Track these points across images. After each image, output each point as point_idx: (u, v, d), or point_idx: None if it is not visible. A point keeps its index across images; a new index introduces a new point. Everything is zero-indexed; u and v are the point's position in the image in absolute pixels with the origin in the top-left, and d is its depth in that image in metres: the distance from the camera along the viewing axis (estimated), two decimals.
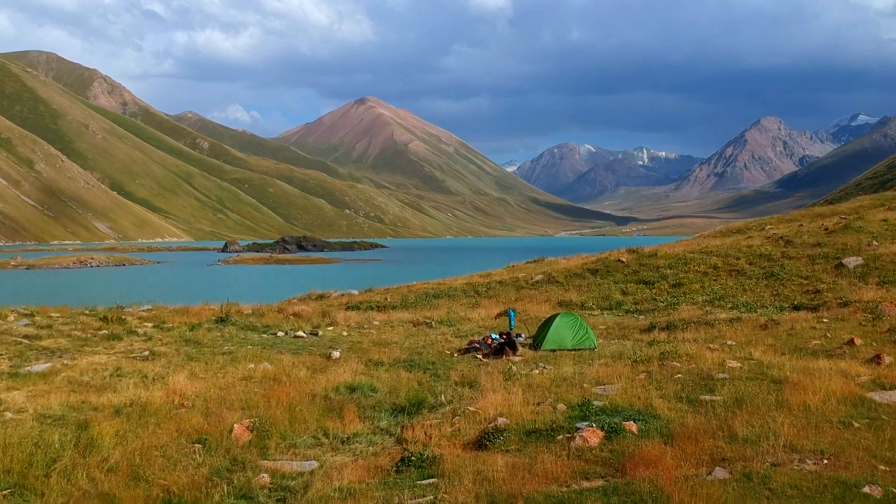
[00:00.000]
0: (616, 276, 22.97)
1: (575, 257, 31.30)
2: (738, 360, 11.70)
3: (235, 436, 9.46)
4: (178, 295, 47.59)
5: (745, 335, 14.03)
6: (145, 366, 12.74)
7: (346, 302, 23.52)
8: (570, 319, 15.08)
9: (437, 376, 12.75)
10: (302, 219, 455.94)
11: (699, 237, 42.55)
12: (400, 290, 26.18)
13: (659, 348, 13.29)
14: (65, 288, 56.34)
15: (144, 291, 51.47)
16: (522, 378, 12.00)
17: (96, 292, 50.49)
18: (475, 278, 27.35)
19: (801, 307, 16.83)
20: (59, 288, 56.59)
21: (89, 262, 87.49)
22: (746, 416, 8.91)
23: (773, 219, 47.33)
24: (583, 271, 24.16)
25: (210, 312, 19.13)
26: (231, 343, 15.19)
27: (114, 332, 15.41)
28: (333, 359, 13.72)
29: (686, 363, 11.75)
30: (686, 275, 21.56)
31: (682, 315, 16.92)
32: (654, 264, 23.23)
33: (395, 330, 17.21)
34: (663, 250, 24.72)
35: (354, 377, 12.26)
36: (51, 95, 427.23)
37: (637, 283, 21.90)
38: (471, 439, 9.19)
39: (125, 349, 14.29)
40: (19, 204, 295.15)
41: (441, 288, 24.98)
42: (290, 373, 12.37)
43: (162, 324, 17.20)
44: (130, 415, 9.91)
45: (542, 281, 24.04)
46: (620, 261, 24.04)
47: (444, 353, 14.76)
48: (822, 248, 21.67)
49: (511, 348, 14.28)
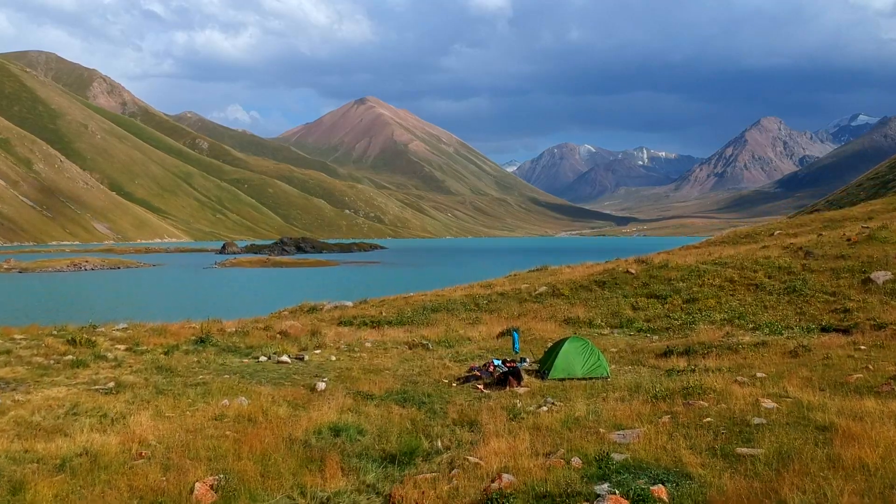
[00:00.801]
0: (625, 290, 21.60)
1: (580, 266, 29.94)
2: (773, 399, 10.33)
3: (197, 497, 8.12)
4: (169, 301, 46.27)
5: (775, 364, 12.66)
6: (108, 401, 11.38)
7: (338, 316, 22.16)
8: (579, 344, 13.73)
9: (434, 413, 11.40)
10: (301, 219, 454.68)
11: (707, 244, 41.17)
12: (396, 302, 24.83)
13: (680, 380, 11.93)
14: (55, 293, 54.97)
15: (135, 298, 50.18)
16: (529, 417, 10.65)
17: (85, 299, 49.19)
18: (475, 289, 25.99)
19: (830, 329, 15.47)
20: (48, 293, 55.21)
21: (83, 266, 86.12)
22: (795, 478, 7.53)
23: (781, 223, 46.05)
24: (589, 283, 22.79)
25: (190, 331, 17.77)
26: (207, 370, 13.83)
27: (80, 357, 14.06)
28: (318, 391, 12.37)
29: (714, 402, 10.38)
30: (700, 289, 20.18)
31: (701, 337, 15.55)
32: (666, 276, 21.86)
33: (389, 353, 15.84)
34: (674, 261, 23.33)
35: (340, 415, 10.91)
36: (50, 95, 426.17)
37: (648, 297, 20.53)
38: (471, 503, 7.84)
39: (89, 379, 12.93)
40: (17, 204, 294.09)
41: (440, 300, 23.63)
42: (267, 410, 11.00)
43: (136, 346, 15.84)
44: (78, 469, 8.55)
45: (547, 293, 22.68)
46: (629, 272, 22.67)
47: (441, 382, 13.40)
48: (846, 260, 20.31)
49: (515, 378, 12.92)
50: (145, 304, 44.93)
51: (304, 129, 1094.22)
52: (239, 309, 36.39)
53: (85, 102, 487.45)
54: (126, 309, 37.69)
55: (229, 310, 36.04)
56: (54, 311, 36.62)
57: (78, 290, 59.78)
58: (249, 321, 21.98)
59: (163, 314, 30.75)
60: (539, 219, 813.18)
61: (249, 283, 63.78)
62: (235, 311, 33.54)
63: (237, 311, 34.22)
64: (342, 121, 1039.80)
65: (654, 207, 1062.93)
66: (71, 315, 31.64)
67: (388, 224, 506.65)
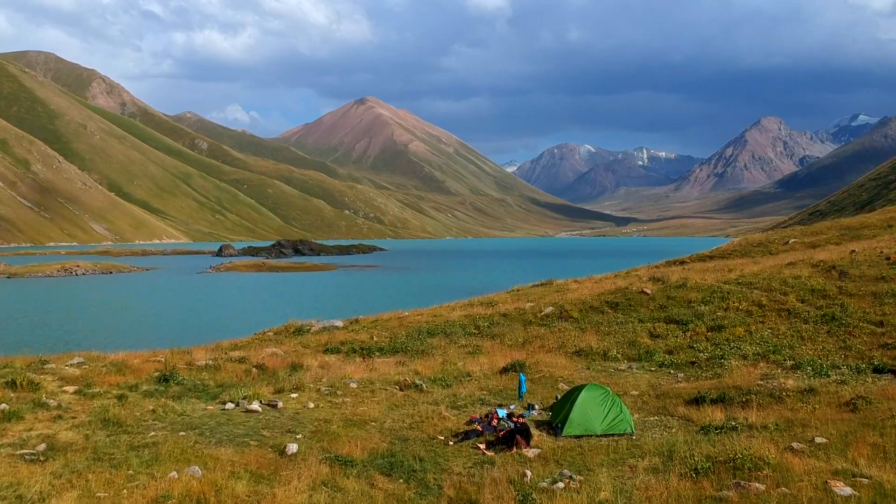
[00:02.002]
0: (641, 313, 19.57)
1: (587, 281, 27.92)
2: (844, 481, 8.32)
3: None
4: (156, 311, 44.28)
5: (832, 422, 10.65)
6: (30, 474, 9.34)
7: (325, 342, 20.15)
8: (598, 394, 11.72)
9: (426, 487, 9.38)
10: (301, 220, 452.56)
11: (720, 252, 39.01)
12: (390, 322, 22.80)
13: (722, 443, 9.92)
14: (38, 303, 52.92)
15: (119, 310, 48.13)
16: (542, 499, 8.64)
17: (67, 310, 47.15)
18: (476, 308, 23.96)
19: (885, 369, 13.49)
20: (31, 303, 53.17)
21: (74, 270, 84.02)
22: None
23: (795, 231, 43.95)
24: (601, 304, 20.77)
25: (154, 366, 15.75)
26: (162, 423, 11.80)
27: (15, 407, 12.03)
28: (289, 454, 10.35)
29: (772, 485, 8.36)
30: (725, 314, 18.16)
31: (735, 378, 13.55)
32: (685, 298, 19.84)
33: (377, 396, 13.81)
34: (693, 279, 21.29)
35: (311, 495, 8.91)
36: (48, 96, 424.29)
37: (667, 322, 18.50)
38: None
39: (19, 438, 10.91)
40: (14, 205, 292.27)
41: (437, 322, 21.63)
42: (222, 488, 8.98)
43: (87, 388, 13.82)
44: None
45: (554, 315, 20.67)
46: (644, 292, 20.64)
47: (435, 439, 11.38)
48: (888, 283, 18.29)
49: (524, 437, 10.89)
50: (128, 318, 42.89)
51: (303, 129, 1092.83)
52: (226, 323, 34.41)
53: (84, 103, 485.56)
54: (106, 323, 35.73)
55: (215, 324, 34.07)
56: (25, 327, 34.65)
57: (63, 299, 57.76)
58: (226, 346, 19.96)
59: (142, 331, 28.84)
60: (539, 219, 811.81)
61: (242, 291, 61.73)
62: (220, 327, 31.58)
63: (223, 326, 32.26)
64: (342, 121, 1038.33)
65: (654, 208, 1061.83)
66: (40, 335, 29.65)
67: (388, 224, 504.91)
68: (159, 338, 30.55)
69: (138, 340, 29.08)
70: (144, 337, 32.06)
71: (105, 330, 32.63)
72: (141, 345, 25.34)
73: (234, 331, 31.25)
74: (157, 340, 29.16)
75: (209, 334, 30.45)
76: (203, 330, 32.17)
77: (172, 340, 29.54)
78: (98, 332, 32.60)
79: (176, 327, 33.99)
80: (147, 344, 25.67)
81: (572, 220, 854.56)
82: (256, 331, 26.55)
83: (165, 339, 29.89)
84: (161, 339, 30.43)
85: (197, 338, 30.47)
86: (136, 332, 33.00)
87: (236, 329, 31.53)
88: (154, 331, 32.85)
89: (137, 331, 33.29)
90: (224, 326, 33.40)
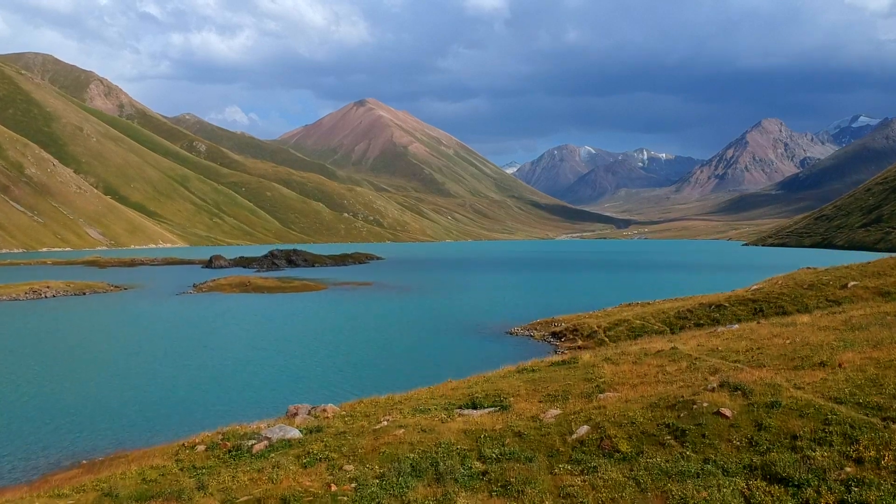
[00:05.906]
0: (719, 451, 13.38)
1: (624, 362, 21.86)
2: None
3: None
4: (94, 368, 38.12)
5: None
6: None
7: (267, 476, 13.98)
8: None
9: None
10: (299, 223, 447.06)
11: (764, 296, 32.56)
12: (363, 439, 16.66)
13: None
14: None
15: (70, 350, 41.80)
16: None
17: (10, 351, 40.76)
18: (479, 415, 17.85)
19: None
20: None
21: (44, 293, 77.86)
22: None
23: (852, 270, 37.33)
24: (658, 428, 14.59)
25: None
26: None
27: None
28: None
29: None
30: (860, 469, 12.03)
31: None
32: (784, 428, 13.65)
33: None
34: (788, 393, 15.14)
35: None
36: (45, 98, 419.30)
37: (765, 478, 12.32)
38: None
39: None
40: (7, 209, 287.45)
41: (425, 443, 15.51)
42: None
43: None
44: None
45: (591, 443, 14.54)
46: (721, 414, 14.47)
47: None
48: None
49: None
50: (85, 352, 36.71)
51: (303, 130, 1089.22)
52: (154, 403, 27.96)
53: (81, 105, 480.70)
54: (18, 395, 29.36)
55: (140, 402, 27.68)
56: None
57: (16, 332, 51.83)
58: None
59: (55, 412, 22.22)
60: (539, 221, 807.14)
61: (213, 325, 55.51)
62: (144, 410, 25.10)
63: (148, 406, 25.80)
64: (342, 123, 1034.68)
65: (654, 209, 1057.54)
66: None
67: (388, 227, 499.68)
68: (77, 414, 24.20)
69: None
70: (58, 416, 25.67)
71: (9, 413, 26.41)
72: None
73: (156, 422, 24.88)
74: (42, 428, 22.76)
75: (108, 430, 24.14)
76: (111, 416, 25.83)
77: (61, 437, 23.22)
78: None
79: (81, 406, 27.54)
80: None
81: (572, 222, 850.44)
82: (180, 439, 20.44)
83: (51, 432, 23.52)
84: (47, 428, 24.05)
85: (89, 433, 24.10)
86: (43, 416, 26.68)
87: (164, 419, 25.20)
88: (63, 417, 26.55)
89: (44, 414, 26.97)
90: (148, 409, 26.99)
